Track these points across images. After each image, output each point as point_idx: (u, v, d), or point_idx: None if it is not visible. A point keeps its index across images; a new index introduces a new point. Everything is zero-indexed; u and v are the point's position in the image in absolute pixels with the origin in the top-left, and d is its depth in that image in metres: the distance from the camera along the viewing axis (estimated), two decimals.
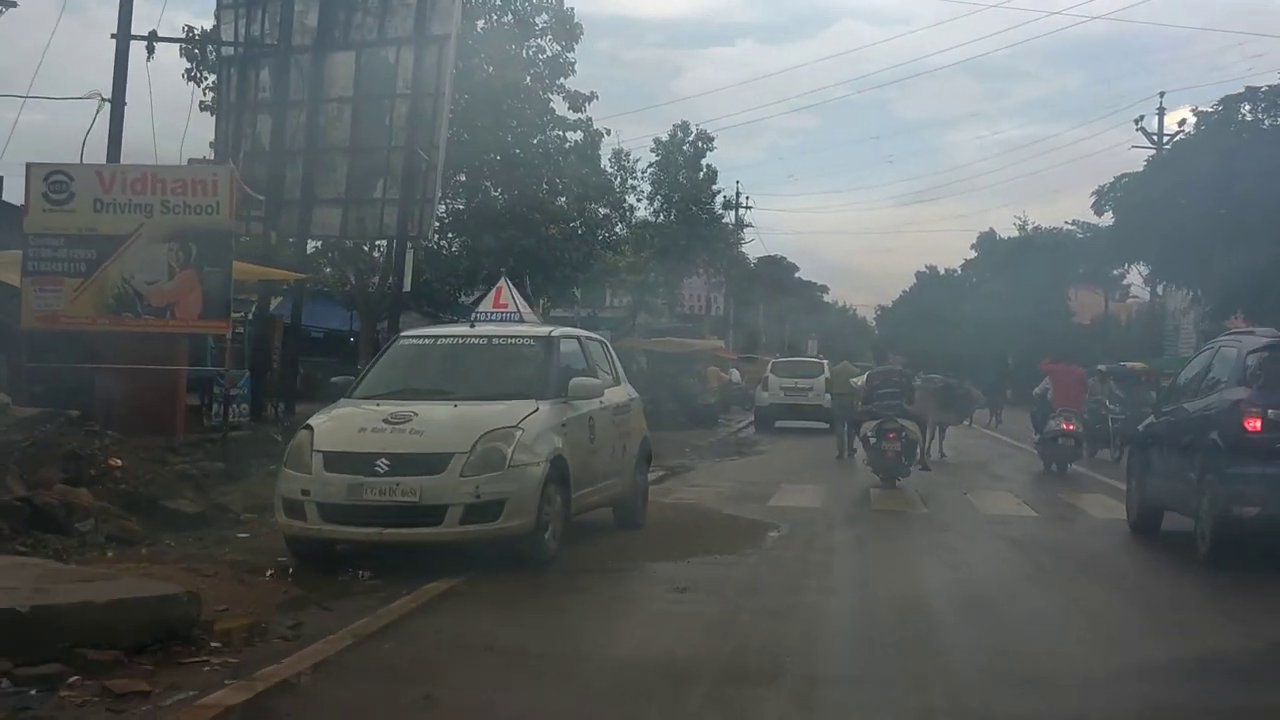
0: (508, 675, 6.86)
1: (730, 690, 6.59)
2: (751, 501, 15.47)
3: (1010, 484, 19.13)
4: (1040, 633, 8.27)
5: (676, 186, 53.26)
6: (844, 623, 8.45)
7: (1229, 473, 10.44)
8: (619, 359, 13.23)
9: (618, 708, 6.30)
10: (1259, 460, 10.25)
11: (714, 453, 23.51)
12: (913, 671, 7.03)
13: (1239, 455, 10.41)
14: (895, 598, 9.15)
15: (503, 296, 16.07)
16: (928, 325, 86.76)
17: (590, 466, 10.81)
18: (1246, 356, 11.06)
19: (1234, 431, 10.51)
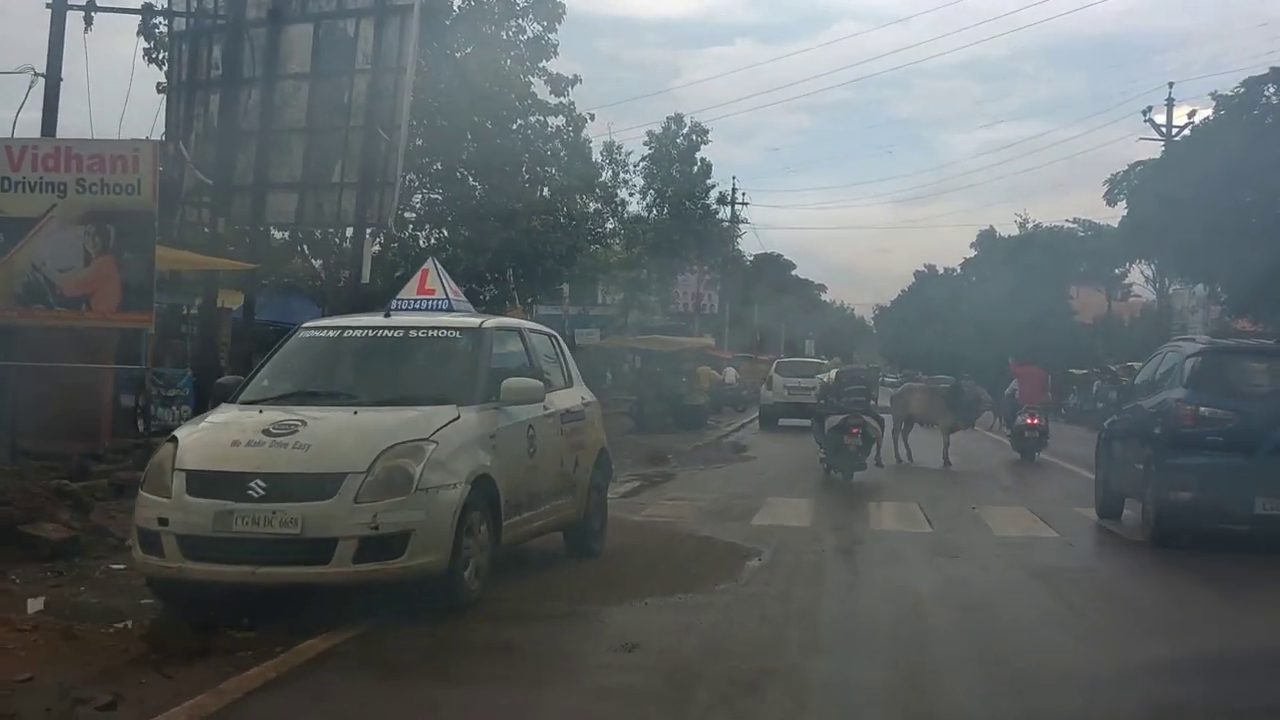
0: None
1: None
2: (732, 519, 13.52)
3: (1023, 496, 17.18)
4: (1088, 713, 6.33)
5: (670, 180, 51.30)
6: (832, 702, 6.45)
7: (1167, 462, 11.80)
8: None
9: None
10: (1191, 451, 11.59)
11: (699, 459, 21.55)
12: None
13: (1175, 447, 11.75)
14: (897, 661, 7.18)
15: (429, 280, 13.78)
16: (927, 325, 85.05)
17: (529, 486, 8.85)
18: (1185, 360, 12.55)
19: (1172, 426, 11.94)
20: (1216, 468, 11.45)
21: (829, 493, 16.92)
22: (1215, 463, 11.48)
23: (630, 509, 14.10)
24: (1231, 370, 12.39)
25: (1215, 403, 11.76)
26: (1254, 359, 12.74)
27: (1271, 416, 11.52)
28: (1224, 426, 11.63)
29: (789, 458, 22.93)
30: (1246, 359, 12.75)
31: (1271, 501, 11.25)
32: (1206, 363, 12.32)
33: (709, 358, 47.76)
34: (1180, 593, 10.28)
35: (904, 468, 21.30)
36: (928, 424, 22.33)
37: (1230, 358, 12.70)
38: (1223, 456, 11.50)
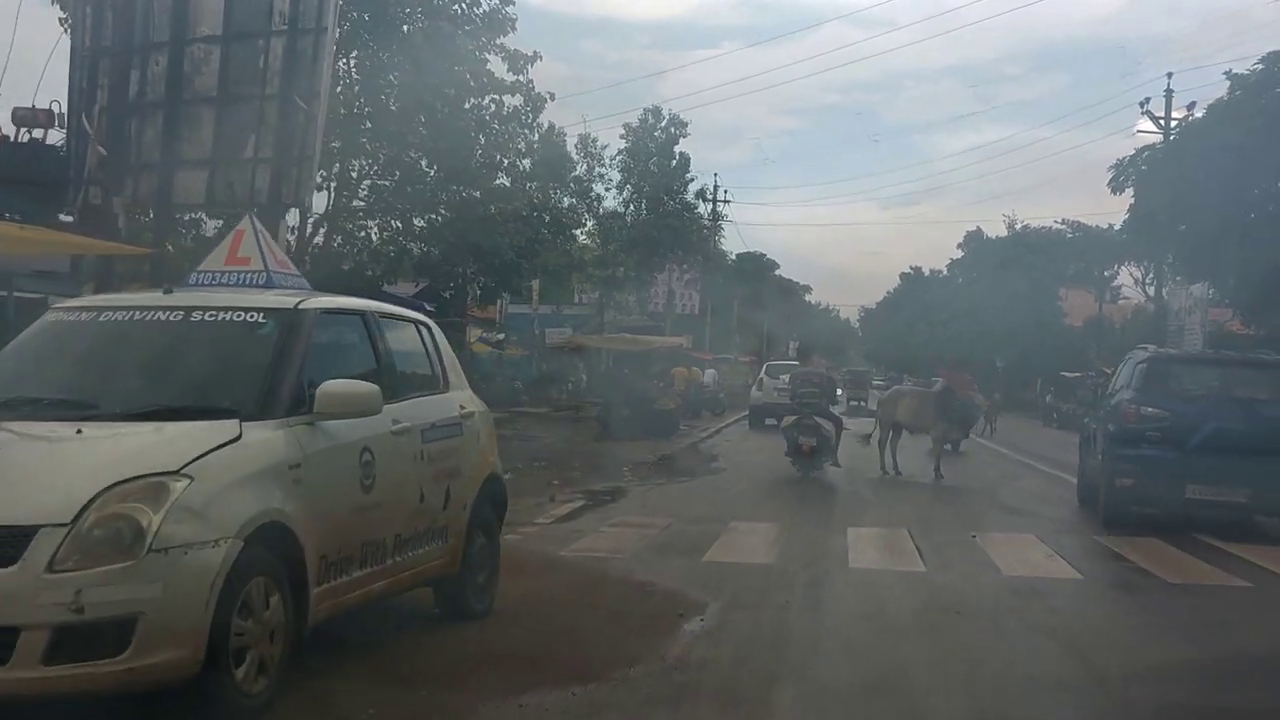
0: None
1: None
2: (682, 553, 10.87)
3: (1029, 519, 14.56)
4: None
5: (647, 175, 48.73)
6: None
7: (1114, 454, 13.50)
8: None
9: None
10: (1134, 445, 13.24)
11: (661, 471, 18.84)
12: None
13: (1121, 441, 13.42)
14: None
15: (243, 246, 10.64)
16: (913, 327, 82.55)
17: (363, 533, 6.17)
18: (1135, 366, 14.33)
19: (1118, 423, 13.63)
20: (1154, 458, 13.07)
21: (802, 514, 14.27)
22: (1153, 454, 13.10)
23: (559, 539, 11.45)
24: (1171, 376, 14.20)
25: (1155, 403, 13.44)
26: (1191, 367, 15.03)
27: (1202, 416, 13.18)
28: (1161, 424, 13.24)
29: (761, 468, 20.32)
30: (1185, 366, 14.98)
31: (1199, 488, 12.95)
32: (1151, 369, 14.12)
33: (689, 358, 45.17)
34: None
35: (891, 481, 18.72)
36: (917, 432, 19.77)
37: (1171, 365, 14.73)
38: (1159, 449, 13.12)
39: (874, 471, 19.35)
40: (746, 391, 55.89)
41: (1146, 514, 13.46)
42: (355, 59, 25.30)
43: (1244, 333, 44.31)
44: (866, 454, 19.79)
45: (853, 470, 19.96)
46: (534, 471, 17.45)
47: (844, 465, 19.32)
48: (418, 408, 6.91)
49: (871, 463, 19.70)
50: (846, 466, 19.58)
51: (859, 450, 19.76)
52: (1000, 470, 21.49)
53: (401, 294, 33.49)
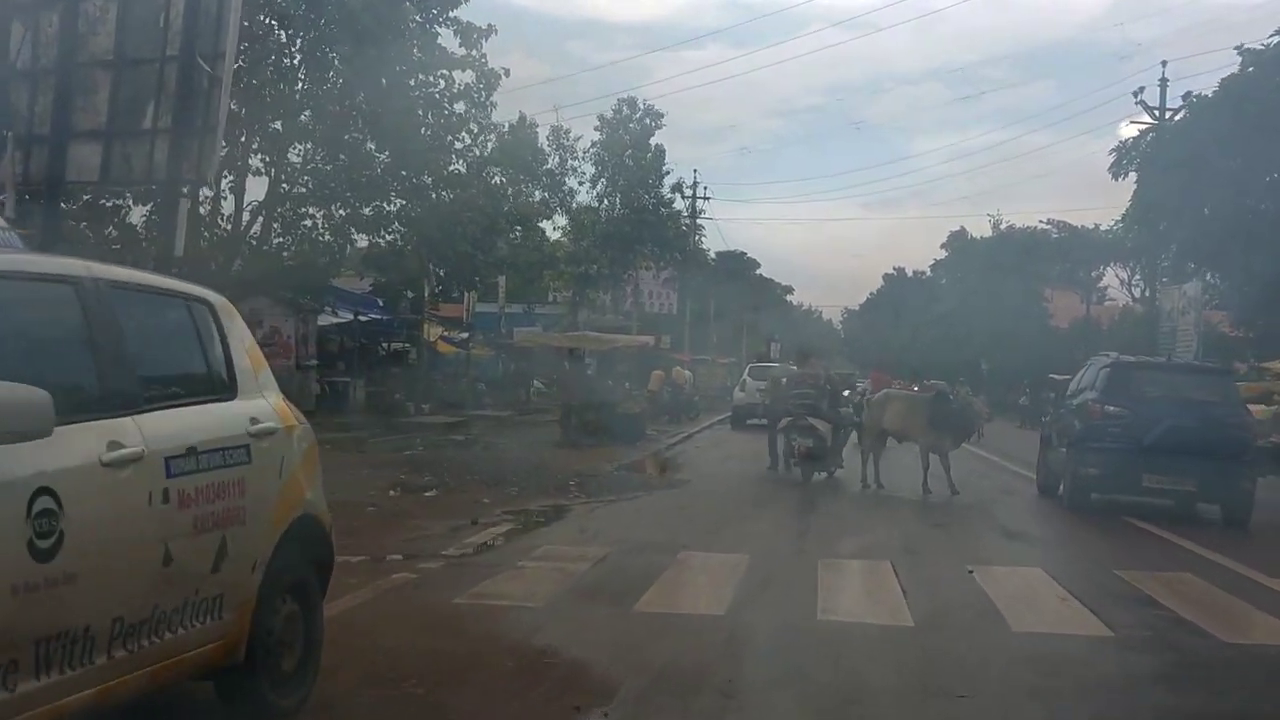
0: None
1: None
2: (609, 600, 8.58)
3: (1034, 546, 12.40)
4: None
5: (621, 168, 46.42)
6: None
7: (1080, 446, 15.24)
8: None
9: None
10: (1099, 439, 14.98)
11: (614, 485, 16.50)
12: None
13: (1087, 436, 15.13)
14: None
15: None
16: (896, 328, 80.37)
17: (39, 621, 3.85)
18: (1099, 370, 16.21)
19: (1085, 420, 15.37)
20: (1116, 451, 14.63)
21: (767, 539, 12.00)
22: (1115, 448, 14.67)
23: (462, 579, 9.13)
24: (1131, 380, 15.70)
25: (1116, 403, 14.96)
26: (1148, 372, 16.50)
27: (1157, 415, 14.63)
28: (1122, 421, 14.73)
29: (729, 481, 18.08)
30: (1142, 371, 16.42)
31: (1154, 477, 14.57)
32: (1113, 374, 15.74)
33: (667, 359, 42.90)
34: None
35: (872, 497, 16.49)
36: (905, 440, 17.55)
37: (1131, 370, 16.14)
38: (1121, 443, 14.61)
39: (853, 484, 17.15)
40: (725, 394, 53.81)
41: (1106, 499, 15.41)
42: (290, 33, 22.98)
43: (1236, 335, 42.38)
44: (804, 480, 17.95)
45: (827, 483, 17.72)
46: (466, 487, 15.14)
47: (819, 479, 17.20)
48: (167, 423, 4.59)
49: (850, 475, 17.51)
50: (822, 480, 17.44)
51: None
52: (993, 482, 19.25)
53: (357, 290, 31.33)
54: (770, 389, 21.66)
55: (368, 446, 21.17)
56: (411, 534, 11.28)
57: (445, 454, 19.78)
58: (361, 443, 21.69)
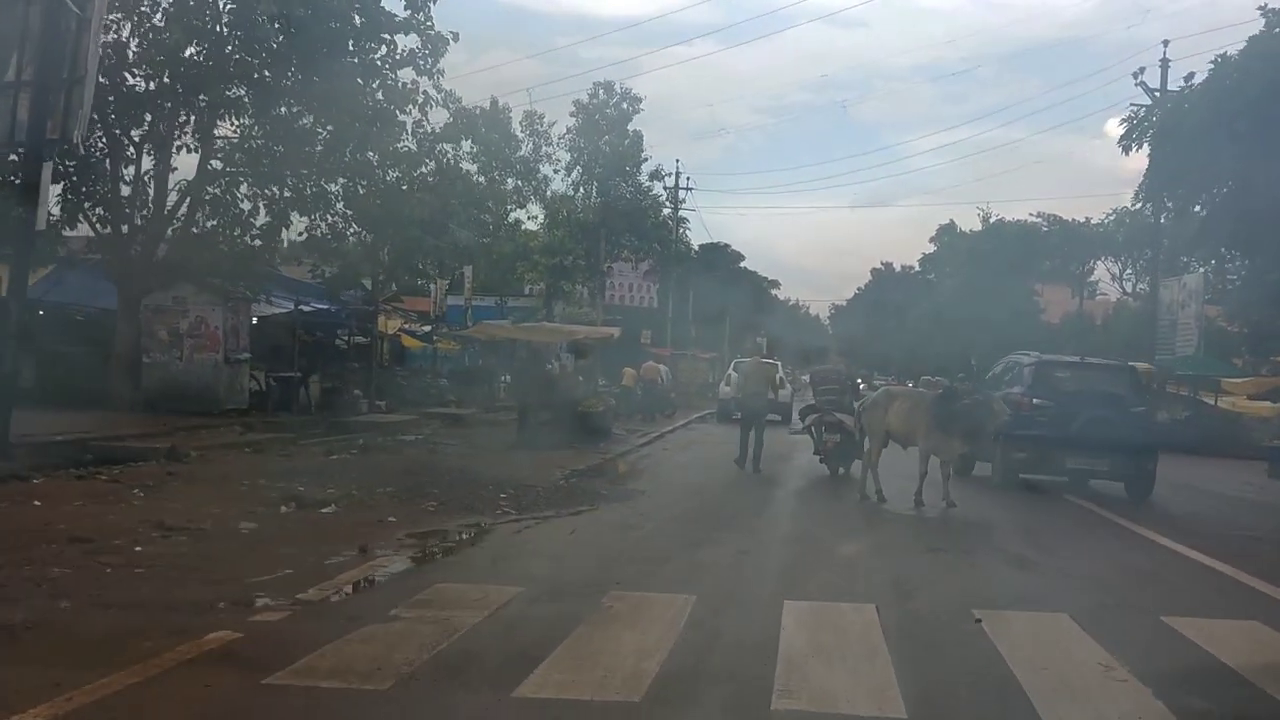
0: None
1: None
2: (486, 676, 6.12)
3: (1052, 578, 9.96)
4: None
5: (598, 155, 43.88)
6: None
7: (1011, 433, 16.19)
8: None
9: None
10: (1027, 427, 16.47)
11: (556, 497, 13.95)
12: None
13: (1017, 424, 15.94)
14: None
15: None
16: (885, 323, 77.91)
17: None
18: (1024, 368, 18.35)
19: (1015, 410, 16.08)
20: (1043, 438, 16.83)
21: (725, 571, 9.55)
22: (1042, 435, 16.83)
23: (298, 640, 6.65)
24: (1053, 376, 17.93)
25: (1042, 396, 17.20)
26: (1068, 368, 18.44)
27: (1077, 406, 16.86)
28: (1047, 411, 16.93)
29: (694, 488, 15.65)
30: (1063, 368, 18.38)
31: (1076, 460, 16.98)
32: (1038, 370, 18.05)
33: (645, 354, 40.48)
34: None
35: (864, 513, 14.04)
36: (910, 445, 15.15)
37: (1054, 367, 18.34)
38: (1047, 431, 16.80)
39: (844, 496, 14.76)
40: (707, 390, 51.37)
41: (1030, 479, 17.38)
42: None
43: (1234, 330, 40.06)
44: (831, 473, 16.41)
45: (811, 493, 15.30)
46: (376, 500, 12.64)
47: (798, 487, 14.83)
48: None
49: (838, 485, 15.10)
50: (801, 488, 15.07)
51: (812, 468, 15.09)
52: (994, 498, 16.78)
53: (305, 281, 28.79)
54: (739, 383, 19.83)
55: (294, 450, 18.70)
56: (275, 567, 8.80)
57: (375, 459, 17.31)
58: (287, 445, 19.22)
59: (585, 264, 43.57)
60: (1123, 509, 15.43)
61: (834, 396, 18.31)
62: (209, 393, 21.80)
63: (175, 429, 19.65)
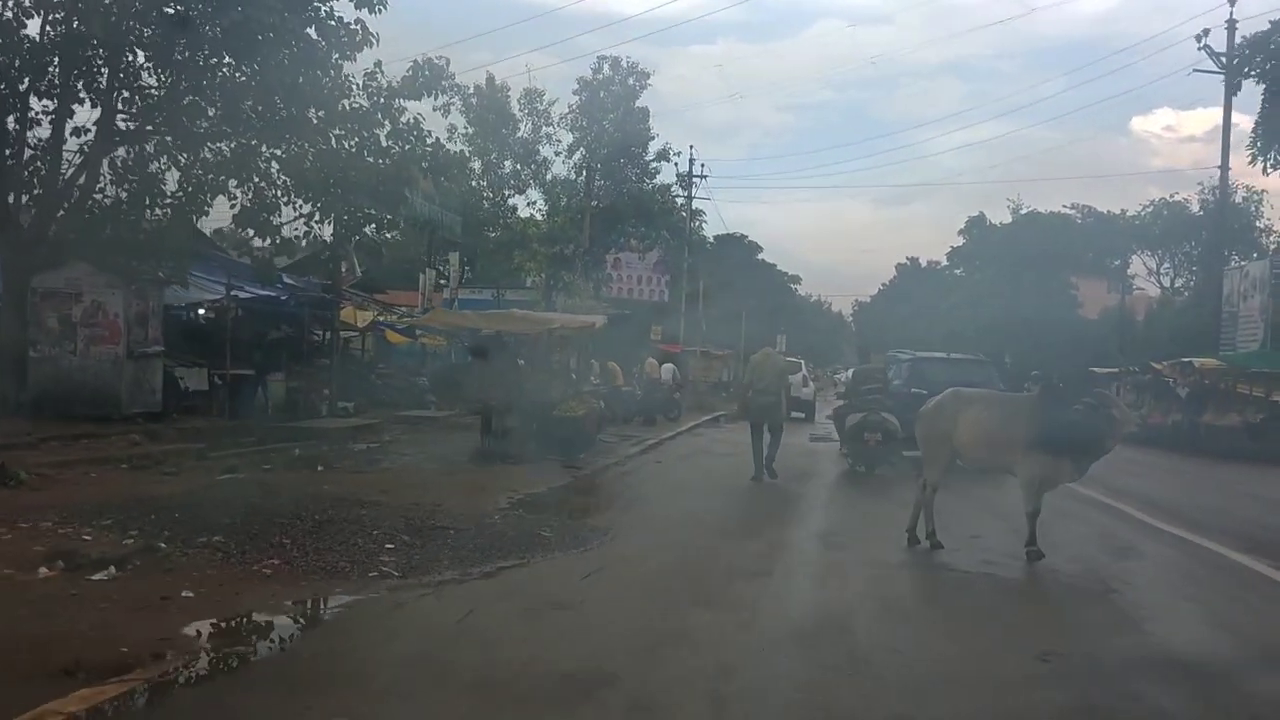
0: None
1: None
2: None
3: None
4: None
5: (603, 136, 39.55)
6: None
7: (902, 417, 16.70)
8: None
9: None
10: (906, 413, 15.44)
11: (471, 546, 9.42)
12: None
13: (903, 412, 16.27)
14: None
15: None
16: (910, 320, 73.30)
17: None
18: (904, 364, 21.35)
19: (899, 401, 17.61)
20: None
21: (694, 704, 5.30)
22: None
23: None
24: (928, 370, 19.91)
25: (920, 388, 17.12)
26: (937, 364, 20.94)
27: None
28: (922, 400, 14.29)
29: (677, 533, 11.24)
30: (934, 364, 21.08)
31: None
32: (915, 366, 20.90)
33: (654, 351, 36.19)
34: None
35: (919, 568, 9.68)
36: (995, 469, 10.79)
37: (927, 363, 21.20)
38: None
39: (889, 539, 10.46)
40: (719, 391, 47.06)
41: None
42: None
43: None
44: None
45: (844, 531, 11.01)
46: (188, 556, 8.35)
47: (825, 521, 10.57)
48: None
49: (876, 518, 10.78)
50: (829, 524, 10.85)
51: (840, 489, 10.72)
52: (1083, 524, 12.38)
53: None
54: (748, 377, 17.03)
55: (189, 466, 14.54)
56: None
57: (280, 479, 13.07)
58: (184, 460, 15.07)
59: (588, 253, 39.29)
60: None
61: (877, 395, 18.10)
62: (107, 393, 17.60)
63: (49, 438, 15.52)
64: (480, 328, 20.00)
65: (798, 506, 13.74)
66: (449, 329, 25.40)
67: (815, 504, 14.18)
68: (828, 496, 15.11)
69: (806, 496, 14.84)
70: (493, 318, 21.25)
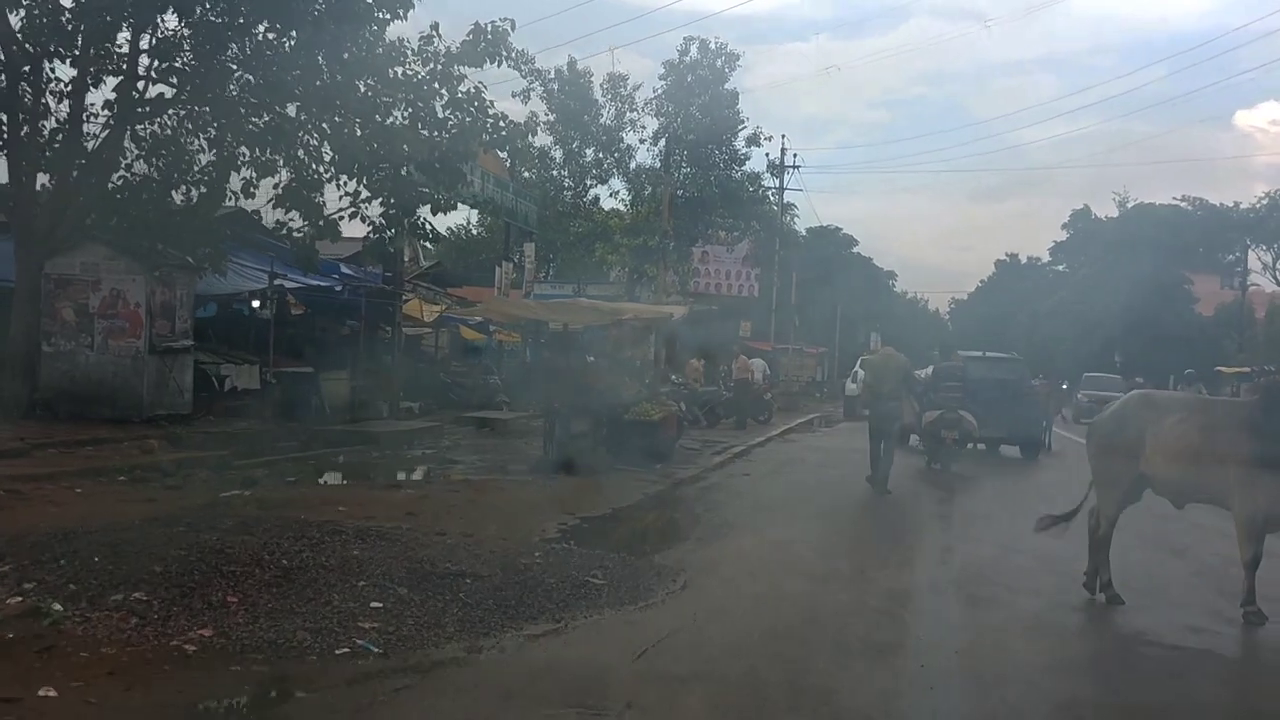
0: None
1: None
2: None
3: None
4: None
5: (690, 122, 36.92)
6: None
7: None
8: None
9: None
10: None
11: (492, 602, 7.04)
12: None
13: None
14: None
15: None
16: (1010, 318, 69.55)
17: None
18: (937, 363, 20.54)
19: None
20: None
21: None
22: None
23: None
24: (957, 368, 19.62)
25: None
26: (974, 363, 20.96)
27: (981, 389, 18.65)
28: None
29: (772, 577, 8.64)
30: (970, 362, 20.79)
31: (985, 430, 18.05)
32: (943, 364, 19.83)
33: (744, 349, 33.54)
34: None
35: (1087, 623, 7.03)
36: (1192, 501, 8.00)
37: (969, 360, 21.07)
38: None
39: (1062, 588, 7.83)
40: (812, 391, 44.33)
41: None
42: None
43: None
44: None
45: (977, 574, 8.39)
46: (93, 620, 6.01)
47: (951, 570, 7.97)
48: None
49: (1041, 563, 8.16)
50: (959, 573, 8.25)
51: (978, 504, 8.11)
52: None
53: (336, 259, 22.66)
54: (868, 382, 14.98)
55: (206, 479, 12.42)
56: None
57: (287, 496, 10.79)
58: (201, 468, 12.97)
59: (674, 246, 36.70)
60: None
61: (955, 394, 17.94)
62: (127, 392, 15.50)
63: (49, 443, 13.48)
64: (542, 318, 17.56)
65: (918, 532, 11.09)
66: (508, 320, 23.02)
67: (938, 528, 11.50)
68: (951, 517, 12.42)
69: (925, 517, 12.18)
70: (555, 306, 18.77)
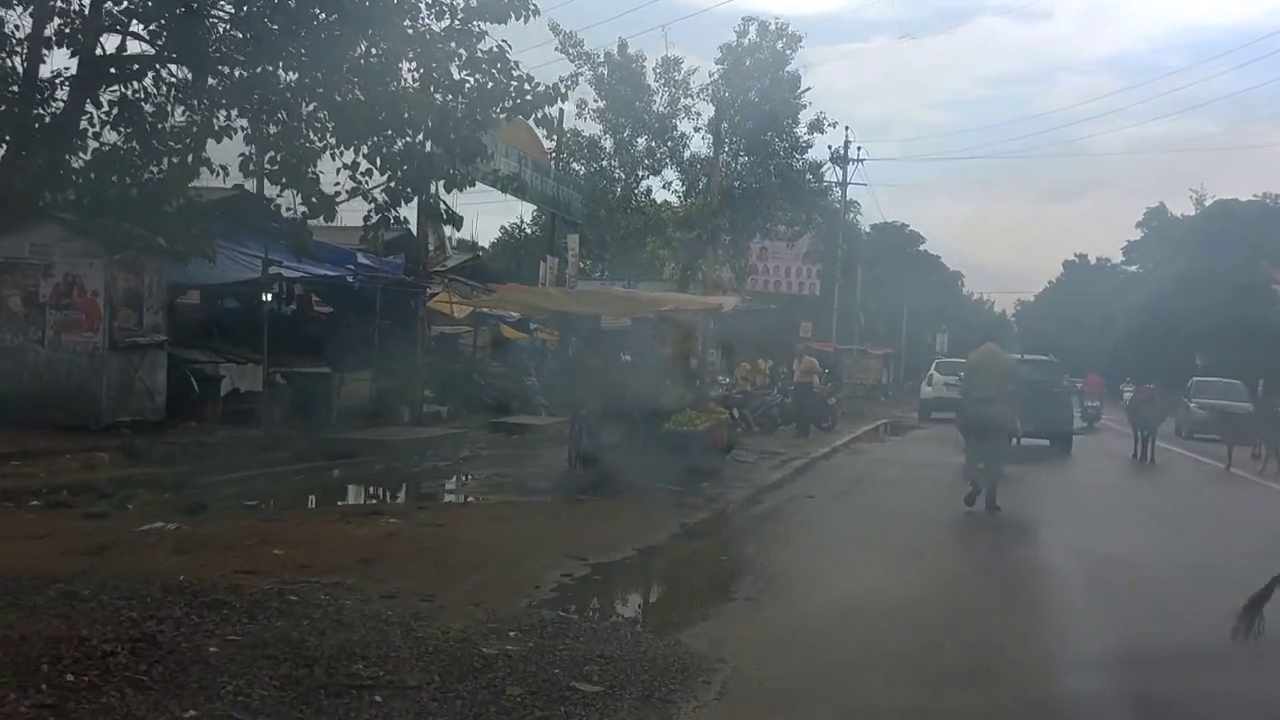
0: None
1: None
2: None
3: None
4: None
5: (748, 109, 34.08)
6: None
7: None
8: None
9: None
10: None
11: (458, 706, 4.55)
12: None
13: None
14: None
15: None
16: (1079, 320, 65.90)
17: None
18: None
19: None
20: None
21: None
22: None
23: None
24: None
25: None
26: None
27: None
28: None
29: (835, 682, 5.83)
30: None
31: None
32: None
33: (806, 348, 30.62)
34: None
35: None
36: None
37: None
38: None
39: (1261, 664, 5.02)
40: (877, 394, 41.38)
41: None
42: None
43: None
44: None
45: (1147, 658, 5.54)
46: None
47: (1109, 651, 5.11)
48: None
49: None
50: (1120, 653, 5.37)
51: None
52: None
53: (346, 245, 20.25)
54: (969, 382, 13.17)
55: (143, 499, 9.96)
56: None
57: (210, 534, 8.23)
58: (151, 488, 10.51)
59: (730, 238, 33.92)
60: None
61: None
62: (83, 395, 13.04)
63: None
64: (568, 310, 14.88)
65: (1045, 580, 8.28)
66: (526, 312, 20.38)
67: (1066, 571, 8.67)
68: (1085, 557, 9.55)
69: (1047, 554, 9.35)
70: (582, 297, 16.03)
